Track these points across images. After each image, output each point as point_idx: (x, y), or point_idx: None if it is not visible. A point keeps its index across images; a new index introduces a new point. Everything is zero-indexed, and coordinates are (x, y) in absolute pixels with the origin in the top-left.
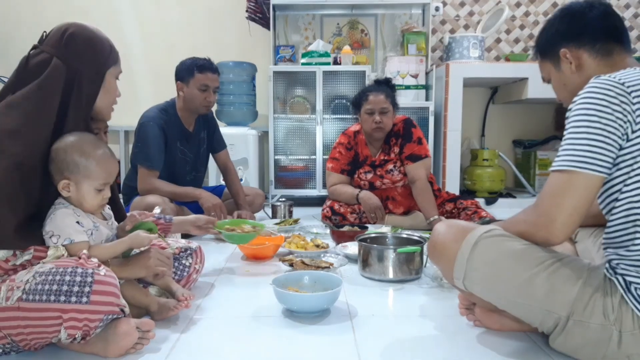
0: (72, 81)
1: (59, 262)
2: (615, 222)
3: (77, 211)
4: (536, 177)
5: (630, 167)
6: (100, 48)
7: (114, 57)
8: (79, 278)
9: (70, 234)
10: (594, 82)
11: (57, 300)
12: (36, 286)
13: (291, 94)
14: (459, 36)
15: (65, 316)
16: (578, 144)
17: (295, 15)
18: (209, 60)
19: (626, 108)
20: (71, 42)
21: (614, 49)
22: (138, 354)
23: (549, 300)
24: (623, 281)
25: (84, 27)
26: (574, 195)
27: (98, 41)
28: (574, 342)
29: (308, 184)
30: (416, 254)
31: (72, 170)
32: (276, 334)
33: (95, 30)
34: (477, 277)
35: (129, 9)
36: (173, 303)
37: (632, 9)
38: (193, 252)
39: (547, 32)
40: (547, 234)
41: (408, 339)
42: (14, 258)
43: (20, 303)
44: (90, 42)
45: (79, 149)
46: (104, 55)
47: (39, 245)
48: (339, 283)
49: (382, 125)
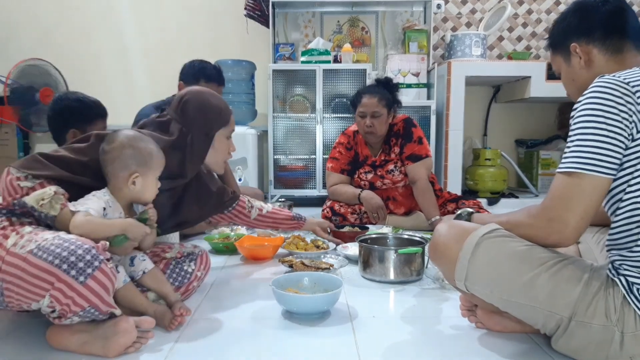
0: (186, 140)
1: (80, 238)
2: (620, 223)
3: (110, 203)
4: (539, 177)
5: (634, 167)
6: (209, 114)
7: (224, 120)
8: (89, 257)
9: (89, 208)
10: (598, 81)
11: (59, 266)
12: (50, 246)
13: (291, 93)
14: (460, 34)
15: (57, 284)
16: (585, 146)
17: (294, 13)
18: (218, 70)
19: (631, 108)
20: (185, 108)
21: (624, 46)
22: (137, 353)
23: (551, 301)
24: (625, 282)
25: (199, 94)
26: (584, 198)
27: (209, 108)
28: (576, 343)
29: (308, 184)
30: (417, 255)
31: (139, 163)
32: (276, 336)
33: (209, 96)
34: (479, 278)
35: (128, 7)
36: (169, 316)
37: (635, 7)
38: (197, 257)
39: (559, 26)
40: (559, 238)
41: (409, 340)
42: (23, 179)
43: (29, 255)
44: (201, 109)
45: (139, 142)
46: (211, 119)
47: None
48: (339, 284)
49: (372, 129)
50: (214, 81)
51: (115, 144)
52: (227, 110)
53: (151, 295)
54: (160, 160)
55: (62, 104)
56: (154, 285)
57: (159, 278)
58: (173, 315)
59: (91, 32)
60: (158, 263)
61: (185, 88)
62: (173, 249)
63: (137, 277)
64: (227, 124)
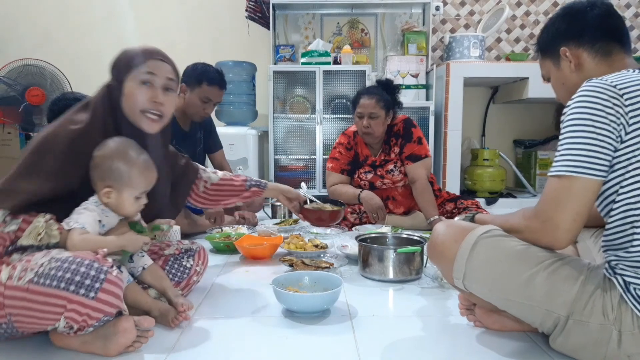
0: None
1: (76, 253)
2: (614, 224)
3: (105, 211)
4: (537, 177)
5: (624, 169)
6: (121, 59)
7: (134, 63)
8: (93, 272)
9: (84, 224)
10: (586, 85)
11: (67, 288)
12: (50, 271)
13: (291, 94)
14: (459, 36)
15: (69, 306)
16: (574, 149)
17: (295, 15)
18: (220, 74)
19: (619, 111)
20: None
21: (613, 49)
22: (137, 353)
23: (548, 300)
24: (622, 281)
25: (122, 49)
26: (575, 200)
27: (122, 55)
28: (574, 342)
29: (308, 184)
30: (416, 254)
31: (116, 179)
32: (276, 334)
33: (131, 47)
34: (477, 277)
35: (129, 8)
36: (173, 314)
37: (632, 9)
38: (195, 253)
39: (548, 30)
40: (552, 240)
41: (408, 339)
42: (3, 225)
43: (30, 285)
44: (115, 58)
45: (124, 156)
46: (120, 64)
47: (29, 216)
48: (339, 283)
49: (369, 130)
50: (215, 85)
51: (102, 152)
52: (143, 53)
53: (152, 293)
54: (145, 178)
55: (61, 104)
56: (153, 281)
57: (159, 274)
58: (177, 312)
59: (92, 33)
60: (157, 260)
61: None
62: (171, 246)
63: (137, 273)
64: (137, 66)
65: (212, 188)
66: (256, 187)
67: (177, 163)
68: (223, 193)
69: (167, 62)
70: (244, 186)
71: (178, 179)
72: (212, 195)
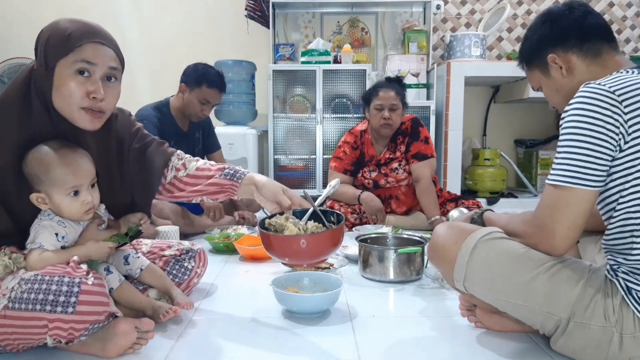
0: (29, 80)
1: (45, 270)
2: (614, 230)
3: (62, 222)
4: (538, 176)
5: (624, 179)
6: (50, 39)
7: (67, 46)
8: (65, 288)
9: (42, 245)
10: (583, 91)
11: (43, 309)
12: (22, 294)
13: (291, 93)
14: (460, 34)
15: (51, 325)
16: (571, 159)
17: (295, 14)
18: (220, 77)
19: (618, 119)
20: (36, 41)
21: (602, 48)
22: (137, 354)
23: (549, 302)
24: (624, 283)
25: (51, 23)
26: (571, 210)
27: (52, 32)
28: (575, 344)
29: (308, 184)
30: (417, 255)
31: (38, 183)
32: (276, 335)
33: (61, 20)
34: (477, 279)
35: (129, 7)
36: (165, 308)
37: (634, 8)
38: (195, 254)
39: (530, 40)
40: (549, 247)
41: (409, 340)
42: None
43: (6, 311)
44: (41, 33)
45: (38, 159)
46: (50, 45)
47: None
48: (339, 284)
49: (390, 121)
50: (215, 87)
51: (24, 162)
52: (79, 33)
53: (152, 293)
54: (70, 171)
55: None
56: (154, 281)
57: (158, 273)
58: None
59: None
60: (157, 261)
61: (184, 89)
62: (172, 247)
63: (135, 275)
64: (72, 51)
65: (185, 179)
66: (232, 177)
67: (146, 145)
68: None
69: (109, 46)
70: (216, 183)
71: (148, 164)
72: (185, 184)
